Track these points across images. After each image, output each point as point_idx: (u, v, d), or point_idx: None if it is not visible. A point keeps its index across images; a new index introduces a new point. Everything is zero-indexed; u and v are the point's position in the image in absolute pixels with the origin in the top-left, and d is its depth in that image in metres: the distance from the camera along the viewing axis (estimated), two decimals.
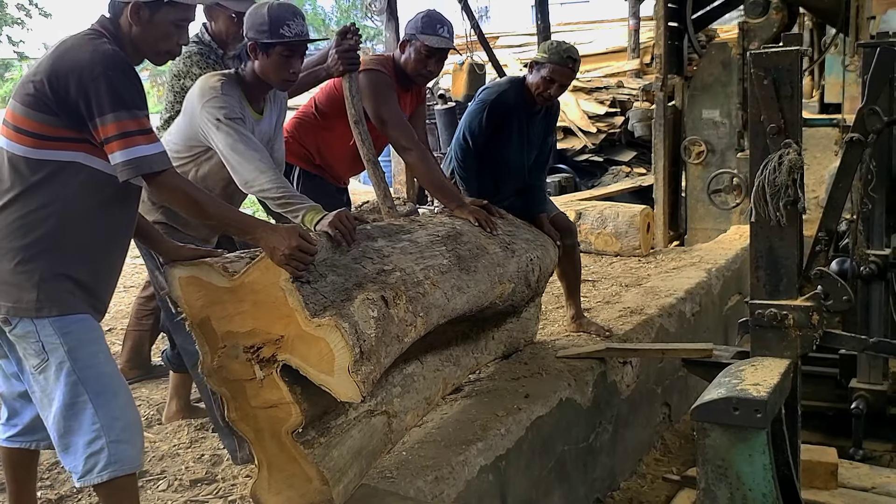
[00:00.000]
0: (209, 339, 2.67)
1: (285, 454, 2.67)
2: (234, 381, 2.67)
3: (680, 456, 4.97)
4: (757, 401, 2.28)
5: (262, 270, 2.57)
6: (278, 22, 3.14)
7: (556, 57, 4.28)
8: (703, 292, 5.62)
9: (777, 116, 2.42)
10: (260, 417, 2.67)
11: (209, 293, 2.66)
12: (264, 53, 3.19)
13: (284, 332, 2.56)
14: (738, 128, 7.40)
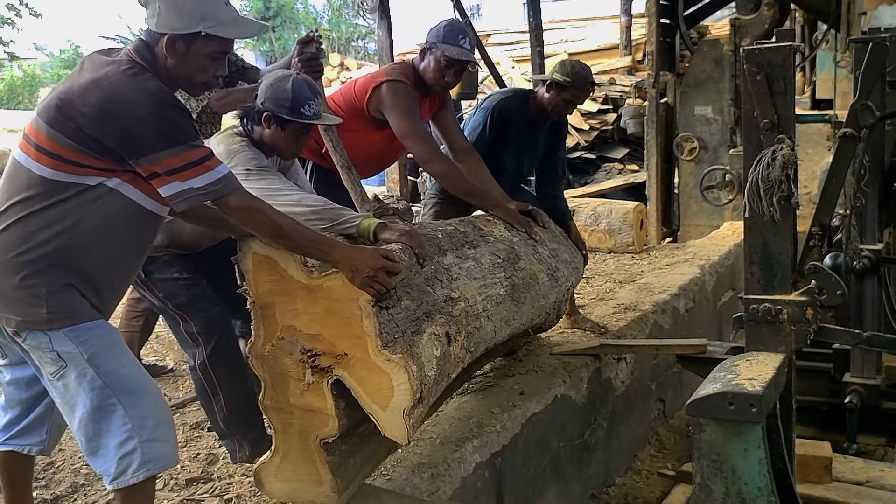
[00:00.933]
0: (268, 325, 2.63)
1: (306, 454, 2.67)
2: (280, 374, 2.64)
3: (674, 452, 4.98)
4: (752, 395, 2.28)
5: (345, 280, 2.52)
6: (300, 101, 3.15)
7: (580, 81, 4.38)
8: (697, 288, 5.63)
9: (770, 112, 2.42)
10: (295, 415, 2.66)
11: (282, 281, 2.62)
12: (279, 126, 3.20)
13: (350, 351, 2.53)
14: (730, 124, 7.43)
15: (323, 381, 2.57)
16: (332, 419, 2.58)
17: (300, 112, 3.16)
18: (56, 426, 2.83)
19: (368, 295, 2.49)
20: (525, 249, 3.58)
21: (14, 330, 2.53)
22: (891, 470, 3.46)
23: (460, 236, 3.26)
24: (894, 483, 3.34)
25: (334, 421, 2.58)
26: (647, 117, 7.78)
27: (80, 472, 3.56)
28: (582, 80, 4.38)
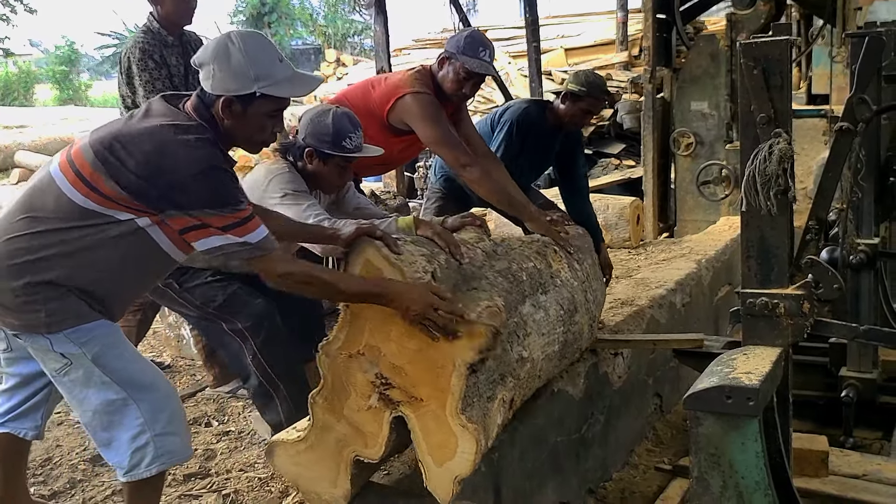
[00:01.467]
0: (352, 333, 2.56)
1: (334, 459, 2.64)
2: (345, 383, 2.58)
3: (671, 446, 4.98)
4: (749, 389, 2.29)
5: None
6: (341, 134, 3.19)
7: (596, 91, 4.48)
8: (694, 283, 5.63)
9: (767, 106, 2.43)
10: (341, 424, 2.61)
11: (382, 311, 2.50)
12: (321, 161, 3.24)
13: (427, 399, 2.48)
14: (726, 119, 7.43)
15: (386, 411, 2.53)
16: (378, 447, 2.55)
17: (342, 146, 3.19)
18: (48, 412, 2.87)
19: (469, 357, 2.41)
20: (580, 297, 3.47)
21: (14, 334, 2.56)
22: (887, 463, 3.47)
23: (537, 276, 3.17)
24: (891, 476, 3.34)
25: (380, 449, 2.56)
26: (644, 113, 7.78)
27: (78, 469, 3.57)
28: (597, 89, 4.50)
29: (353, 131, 3.22)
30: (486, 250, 3.14)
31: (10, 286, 2.51)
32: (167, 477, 3.42)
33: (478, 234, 3.28)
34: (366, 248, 2.56)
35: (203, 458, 3.60)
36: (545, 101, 4.77)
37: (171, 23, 4.30)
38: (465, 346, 2.43)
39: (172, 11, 4.27)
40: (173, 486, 3.37)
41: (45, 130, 15.97)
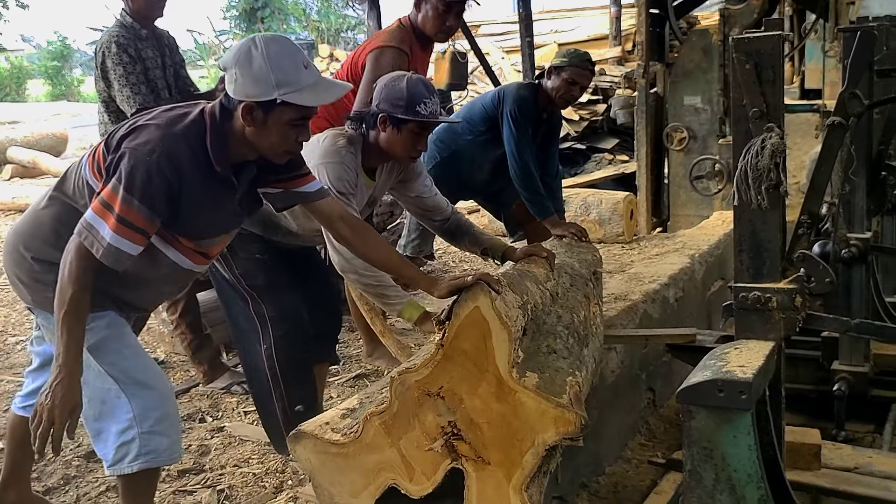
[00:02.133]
0: (437, 372, 2.42)
1: (367, 477, 2.56)
2: (411, 415, 2.48)
3: (664, 440, 5.00)
4: (742, 382, 2.30)
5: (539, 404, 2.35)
6: (416, 99, 3.08)
7: (575, 60, 4.49)
8: (687, 278, 5.65)
9: (759, 101, 2.43)
10: (392, 451, 2.51)
11: (481, 356, 2.39)
12: (395, 128, 3.13)
13: (494, 465, 2.40)
14: (719, 114, 7.44)
15: (447, 459, 2.45)
16: (424, 488, 2.48)
17: (416, 111, 3.08)
18: None
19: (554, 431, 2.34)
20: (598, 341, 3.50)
21: (29, 307, 2.65)
22: (879, 456, 3.48)
23: (583, 328, 3.14)
24: (883, 469, 3.36)
25: (424, 490, 2.48)
26: (637, 107, 7.80)
27: (72, 465, 3.57)
28: (577, 59, 4.47)
29: (429, 97, 3.10)
30: (552, 292, 3.12)
31: (28, 266, 2.52)
32: (161, 473, 3.43)
33: (546, 271, 3.25)
34: (480, 295, 2.41)
35: (197, 454, 3.61)
36: (535, 84, 4.75)
37: (142, 16, 4.30)
38: (551, 427, 2.36)
39: (143, 6, 4.27)
40: (167, 481, 3.38)
41: (37, 126, 15.90)
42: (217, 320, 4.57)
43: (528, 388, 2.38)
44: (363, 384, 4.20)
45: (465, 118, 4.83)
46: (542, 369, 2.60)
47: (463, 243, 3.51)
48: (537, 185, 4.67)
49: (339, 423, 2.75)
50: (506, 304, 2.53)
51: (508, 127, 4.59)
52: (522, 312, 2.69)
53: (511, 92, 4.73)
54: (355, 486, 2.62)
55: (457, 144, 4.82)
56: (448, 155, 4.85)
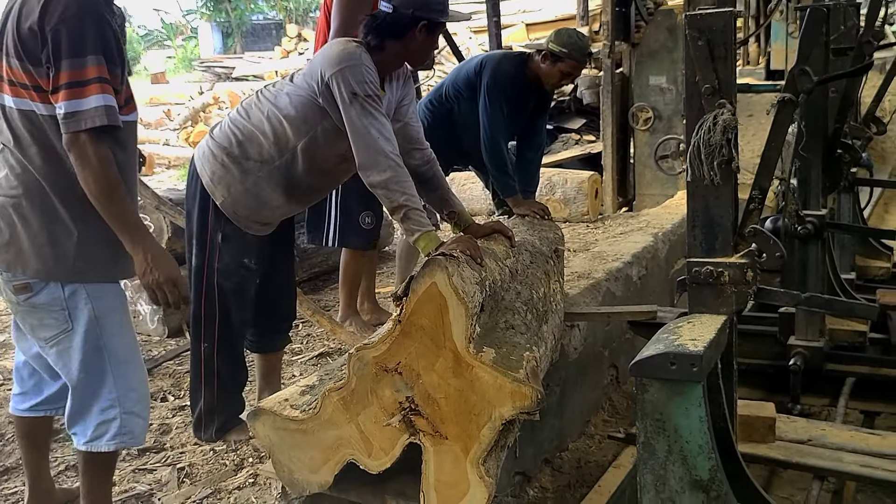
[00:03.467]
0: (394, 348, 2.44)
1: (327, 453, 2.59)
2: (368, 392, 2.49)
3: (627, 416, 5.05)
4: (693, 355, 2.33)
5: (497, 379, 2.36)
6: (445, 2, 3.08)
7: (577, 54, 4.43)
8: (650, 256, 5.69)
9: (711, 77, 2.46)
10: (351, 426, 2.53)
11: (438, 331, 2.40)
12: (429, 34, 3.07)
13: (451, 439, 2.42)
14: (684, 94, 7.47)
15: (405, 434, 2.47)
16: (383, 463, 2.51)
17: (448, 12, 3.09)
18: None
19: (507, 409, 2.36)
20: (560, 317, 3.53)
21: (26, 283, 2.47)
22: (832, 428, 3.54)
23: (542, 305, 3.15)
24: (835, 441, 3.42)
25: (383, 465, 2.51)
26: (603, 87, 7.82)
27: None
28: (578, 51, 4.43)
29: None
30: (512, 269, 3.12)
31: (40, 225, 2.45)
32: (121, 452, 3.43)
33: (506, 248, 3.25)
34: (436, 271, 2.41)
35: (158, 433, 3.61)
36: (524, 55, 4.70)
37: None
38: (507, 402, 2.38)
39: None
40: (127, 460, 3.38)
41: None
42: None
43: (485, 363, 2.40)
44: (325, 362, 4.21)
45: (452, 82, 4.79)
46: (499, 344, 2.62)
47: (432, 197, 3.39)
48: (504, 162, 4.65)
49: (298, 400, 2.77)
50: (463, 280, 2.55)
51: (483, 98, 4.57)
52: (480, 288, 2.71)
53: (492, 63, 4.67)
54: (314, 462, 2.65)
55: (445, 108, 4.80)
56: (437, 118, 4.83)
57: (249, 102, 3.19)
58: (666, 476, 2.45)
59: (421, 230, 2.90)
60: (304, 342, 4.49)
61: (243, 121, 3.13)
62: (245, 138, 3.10)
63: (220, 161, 3.12)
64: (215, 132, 3.20)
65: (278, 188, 3.12)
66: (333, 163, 3.15)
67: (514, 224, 4.08)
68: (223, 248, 3.19)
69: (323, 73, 2.96)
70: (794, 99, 2.52)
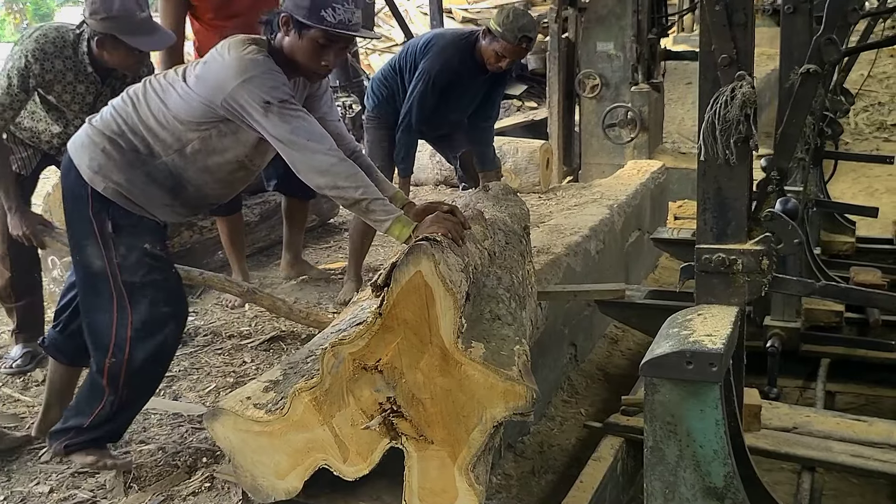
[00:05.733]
0: (374, 344, 2.19)
1: (294, 456, 2.36)
2: (344, 392, 2.24)
3: (586, 397, 4.90)
4: (712, 354, 2.13)
5: (488, 377, 2.15)
6: (322, 2, 2.58)
7: (510, 35, 4.24)
8: (607, 230, 5.53)
9: (729, 46, 2.23)
10: (324, 429, 2.29)
11: (424, 326, 2.16)
12: (296, 33, 2.65)
13: (438, 444, 2.20)
14: (632, 61, 7.31)
15: (385, 438, 2.24)
16: (359, 470, 2.29)
17: (320, 16, 2.58)
18: None
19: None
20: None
21: None
22: (817, 415, 3.42)
23: (521, 289, 2.95)
24: (822, 428, 3.29)
25: (360, 472, 2.29)
26: (549, 53, 7.58)
27: None
28: (511, 34, 4.23)
29: (341, 3, 2.59)
30: (490, 251, 2.91)
31: None
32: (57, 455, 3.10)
33: (483, 230, 3.01)
34: (422, 259, 2.16)
35: None
36: (474, 36, 4.46)
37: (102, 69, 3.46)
38: (500, 402, 2.16)
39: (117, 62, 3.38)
40: (65, 462, 3.05)
41: None
42: None
43: (475, 360, 2.18)
44: (278, 347, 3.92)
45: (399, 59, 4.59)
46: (487, 338, 2.40)
47: None
48: (409, 145, 4.53)
49: (261, 398, 2.48)
50: (449, 268, 2.30)
51: (418, 77, 4.39)
52: (465, 276, 2.47)
53: (438, 47, 4.44)
54: (281, 468, 2.39)
55: (398, 84, 4.57)
56: (390, 94, 4.62)
57: (136, 92, 2.79)
58: (676, 483, 2.26)
59: (389, 218, 2.61)
60: (252, 324, 4.18)
61: (129, 110, 2.76)
62: (129, 129, 2.73)
63: (100, 148, 2.73)
64: (95, 120, 2.81)
65: (164, 187, 2.76)
66: (228, 170, 2.80)
67: (478, 198, 3.84)
68: (116, 239, 2.76)
69: (223, 86, 2.60)
70: (820, 70, 2.31)
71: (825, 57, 2.31)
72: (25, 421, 3.34)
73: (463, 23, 11.27)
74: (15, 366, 3.75)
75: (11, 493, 2.85)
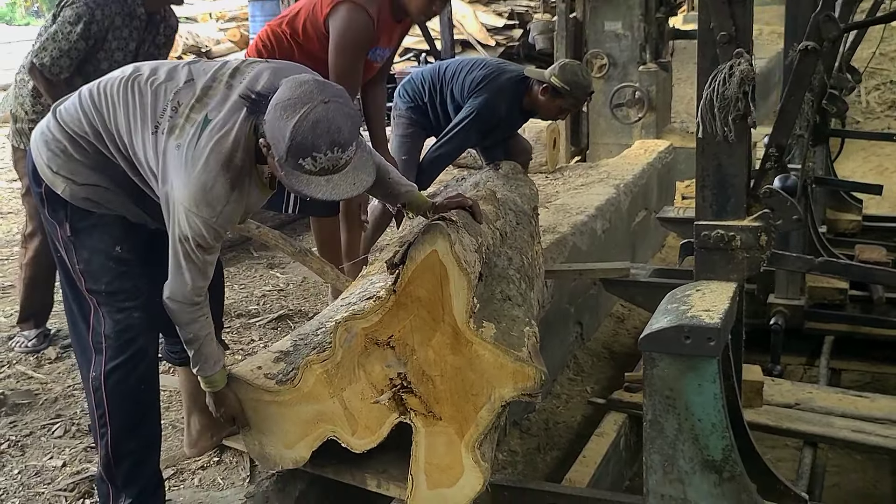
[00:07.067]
0: (387, 320, 2.23)
1: (303, 427, 2.39)
2: (356, 366, 2.28)
3: (592, 375, 4.94)
4: (710, 328, 2.16)
5: (498, 358, 2.19)
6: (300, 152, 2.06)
7: (580, 93, 4.27)
8: (613, 209, 5.55)
9: (728, 24, 2.25)
10: (333, 402, 2.33)
11: (437, 304, 2.21)
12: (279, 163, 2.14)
13: (446, 420, 2.24)
14: (640, 40, 7.30)
15: (394, 413, 2.27)
16: (368, 443, 2.33)
17: (298, 163, 2.07)
18: None
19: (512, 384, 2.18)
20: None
21: None
22: (819, 391, 3.45)
23: (530, 269, 2.98)
24: (823, 405, 3.33)
25: (368, 445, 2.33)
26: (557, 33, 7.56)
27: None
28: (581, 90, 4.26)
29: (323, 151, 2.05)
30: (502, 232, 2.94)
31: None
32: (70, 428, 3.16)
33: (496, 210, 3.05)
34: (438, 238, 2.18)
35: None
36: (525, 83, 4.40)
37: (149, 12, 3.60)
38: (509, 382, 2.20)
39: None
40: (77, 437, 3.10)
41: None
42: None
43: (486, 340, 2.22)
44: (286, 325, 3.95)
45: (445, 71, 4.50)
46: (497, 318, 2.43)
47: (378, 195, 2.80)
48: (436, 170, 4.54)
49: (272, 368, 2.53)
50: (464, 248, 2.34)
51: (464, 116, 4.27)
52: (479, 256, 2.50)
53: (491, 91, 4.31)
54: (289, 437, 2.44)
55: (434, 95, 4.52)
56: (422, 101, 4.54)
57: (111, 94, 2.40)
58: (675, 456, 2.29)
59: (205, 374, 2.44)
60: (260, 303, 4.22)
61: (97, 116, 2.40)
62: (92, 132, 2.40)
63: (60, 148, 2.41)
64: (61, 111, 2.45)
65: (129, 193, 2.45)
66: None
67: (488, 177, 3.86)
68: (77, 243, 2.44)
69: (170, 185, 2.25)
70: (818, 48, 2.32)
71: (823, 34, 2.32)
72: (39, 397, 3.39)
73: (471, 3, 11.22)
74: (31, 344, 3.81)
75: (26, 468, 2.90)
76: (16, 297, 4.37)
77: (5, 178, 7.44)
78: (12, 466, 2.92)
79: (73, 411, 3.26)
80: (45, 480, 2.81)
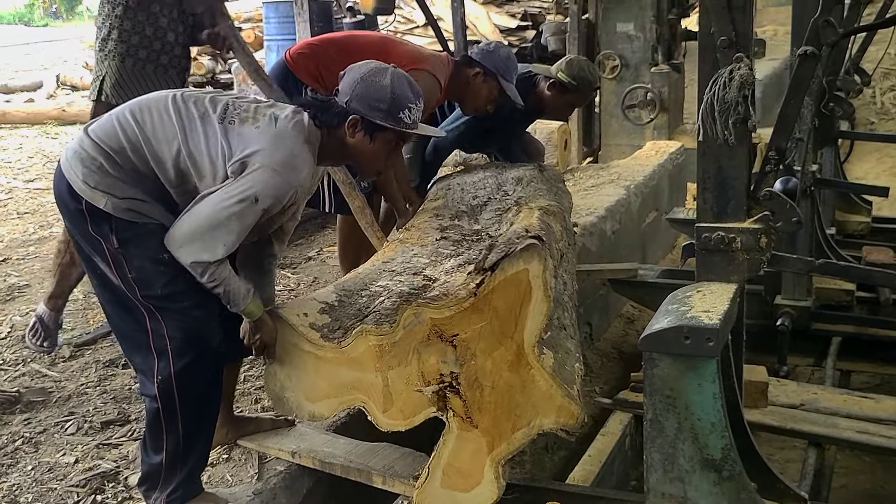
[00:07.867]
0: (459, 318, 2.26)
1: (336, 389, 2.44)
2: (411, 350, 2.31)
3: (601, 375, 4.96)
4: (709, 329, 2.19)
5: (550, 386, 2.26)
6: (401, 104, 2.47)
7: (586, 86, 4.26)
8: (623, 210, 5.57)
9: (728, 28, 2.28)
10: (376, 376, 2.35)
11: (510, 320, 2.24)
12: (366, 135, 2.48)
13: (481, 430, 2.29)
14: (652, 42, 7.31)
15: (433, 407, 2.31)
16: (397, 425, 2.37)
17: (398, 117, 2.47)
18: None
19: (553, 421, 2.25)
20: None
21: None
22: (824, 392, 3.47)
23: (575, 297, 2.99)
24: (828, 405, 3.34)
25: (397, 427, 2.37)
26: (569, 34, 7.59)
27: None
28: (587, 85, 4.27)
29: (414, 101, 2.49)
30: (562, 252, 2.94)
31: None
32: (83, 425, 3.21)
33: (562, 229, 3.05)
34: (534, 258, 2.22)
35: (122, 403, 3.39)
36: (533, 80, 4.39)
37: None
38: (552, 414, 2.27)
39: None
40: (90, 434, 3.17)
41: None
42: None
43: (545, 369, 2.26)
44: None
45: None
46: (555, 348, 2.42)
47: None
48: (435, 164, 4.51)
49: (318, 319, 2.49)
50: (553, 276, 2.35)
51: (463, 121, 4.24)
52: (556, 280, 2.52)
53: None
54: (316, 392, 2.46)
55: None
56: None
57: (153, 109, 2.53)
58: (675, 455, 2.33)
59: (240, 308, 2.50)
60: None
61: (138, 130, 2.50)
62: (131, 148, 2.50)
63: (97, 165, 2.47)
64: (94, 129, 2.53)
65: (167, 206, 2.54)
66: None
67: (532, 176, 3.68)
68: (126, 253, 2.48)
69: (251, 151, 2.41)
70: (817, 52, 2.35)
71: (822, 39, 2.35)
72: (52, 395, 3.45)
73: (484, 5, 11.26)
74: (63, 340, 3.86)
75: (39, 464, 2.96)
76: (31, 297, 4.44)
77: (23, 178, 7.54)
78: (26, 463, 2.98)
79: (85, 409, 3.32)
80: (58, 476, 2.88)
